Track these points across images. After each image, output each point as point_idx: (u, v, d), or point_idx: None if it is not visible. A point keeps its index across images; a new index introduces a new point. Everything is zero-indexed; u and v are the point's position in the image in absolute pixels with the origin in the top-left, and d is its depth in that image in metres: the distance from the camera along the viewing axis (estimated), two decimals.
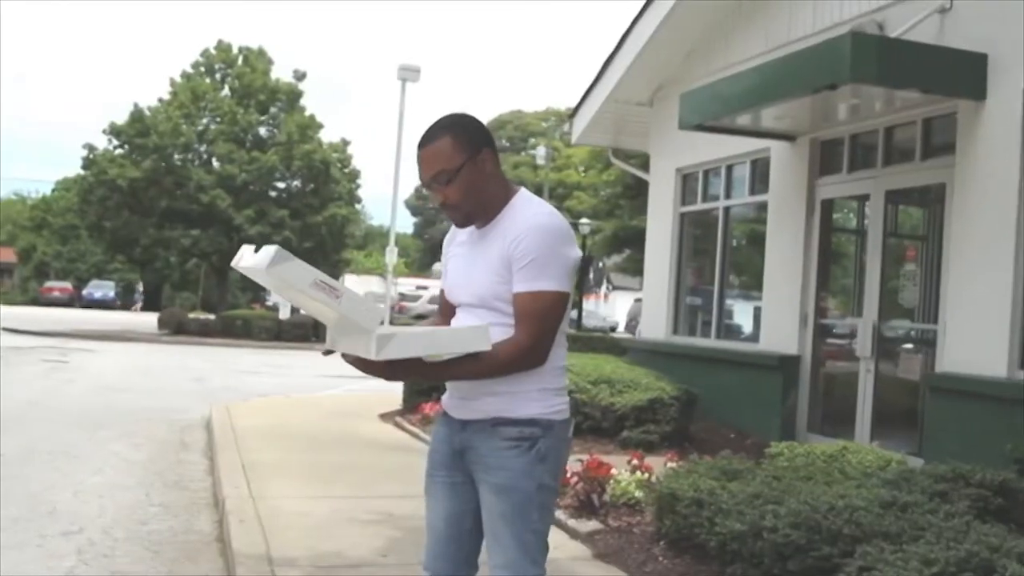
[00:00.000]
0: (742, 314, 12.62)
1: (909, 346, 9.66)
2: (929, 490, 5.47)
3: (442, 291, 3.45)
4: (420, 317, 38.19)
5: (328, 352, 3.09)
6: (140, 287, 68.17)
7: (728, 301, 12.47)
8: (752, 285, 12.28)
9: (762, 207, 11.50)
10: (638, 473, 7.05)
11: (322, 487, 7.69)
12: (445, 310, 3.42)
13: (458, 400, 3.23)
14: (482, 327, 2.98)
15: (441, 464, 3.30)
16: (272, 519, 6.47)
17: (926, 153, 9.16)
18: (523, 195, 3.22)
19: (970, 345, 8.16)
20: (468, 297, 3.21)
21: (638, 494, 6.72)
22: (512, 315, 3.07)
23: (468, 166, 3.12)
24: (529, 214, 3.11)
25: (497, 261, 3.10)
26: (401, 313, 42.57)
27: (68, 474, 8.51)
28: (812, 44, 9.13)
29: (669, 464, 7.47)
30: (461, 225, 3.24)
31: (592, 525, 6.35)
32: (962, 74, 8.28)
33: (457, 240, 3.37)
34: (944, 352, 8.50)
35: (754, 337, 11.51)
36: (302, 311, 3.12)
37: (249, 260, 2.86)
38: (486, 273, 3.13)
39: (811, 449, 7.24)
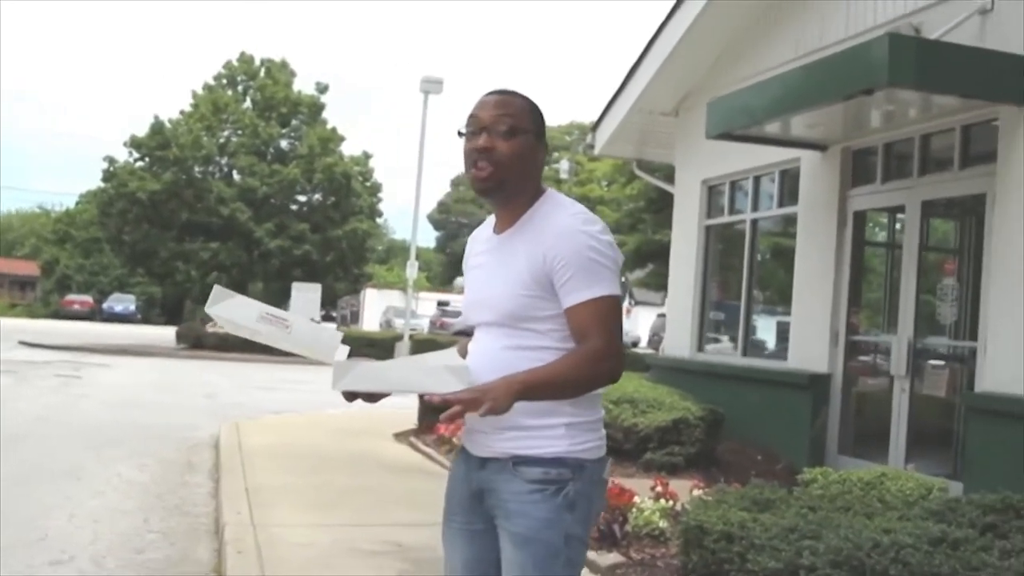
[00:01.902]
0: (770, 331, 12.19)
1: (946, 364, 9.22)
2: (978, 523, 5.04)
3: None
4: (461, 333, 37.82)
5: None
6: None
7: (755, 317, 12.04)
8: (780, 301, 11.85)
9: (791, 220, 11.08)
10: (662, 501, 6.63)
11: (327, 513, 7.29)
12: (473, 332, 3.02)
13: (476, 434, 2.80)
14: (462, 368, 2.59)
15: (459, 508, 2.88)
16: (271, 548, 6.08)
17: (965, 162, 8.72)
18: (552, 196, 2.83)
19: (1013, 363, 7.71)
20: (488, 314, 2.80)
21: (662, 524, 6.30)
22: (545, 335, 2.71)
23: (531, 139, 2.79)
24: (563, 219, 2.72)
25: (526, 272, 2.71)
26: (443, 329, 42.21)
27: (68, 496, 8.16)
28: (840, 50, 8.73)
29: (695, 491, 7.05)
30: (482, 190, 2.79)
31: (613, 558, 5.93)
32: (1004, 78, 7.85)
33: (475, 251, 2.98)
34: (984, 371, 8.06)
35: (782, 354, 11.06)
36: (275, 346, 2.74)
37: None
38: (511, 285, 2.73)
39: (847, 476, 6.80)
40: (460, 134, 2.80)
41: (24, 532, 6.83)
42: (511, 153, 2.72)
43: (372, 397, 2.65)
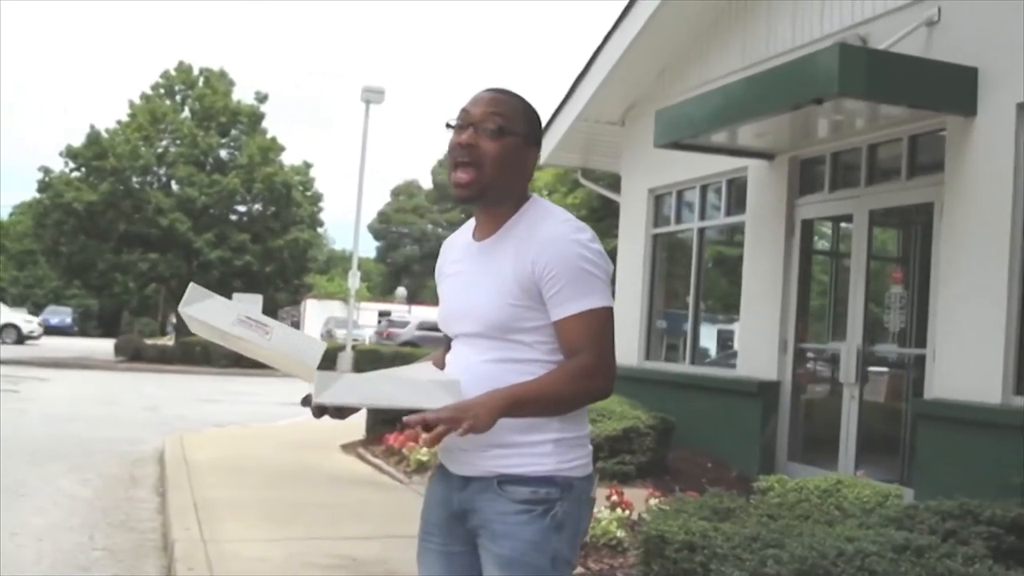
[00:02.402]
0: (718, 339, 12.23)
1: (895, 371, 9.29)
2: (938, 529, 5.06)
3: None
4: (409, 344, 37.52)
5: (307, 403, 2.51)
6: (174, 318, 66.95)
7: (703, 325, 12.07)
8: (729, 309, 11.90)
9: (739, 228, 11.12)
10: (619, 510, 6.60)
11: (279, 528, 7.15)
12: (448, 344, 2.87)
13: (457, 452, 2.65)
14: (453, 383, 2.48)
15: (436, 529, 2.75)
16: (223, 565, 5.95)
17: (912, 171, 8.81)
18: (537, 203, 2.71)
19: (962, 370, 7.78)
20: (471, 325, 2.65)
21: (620, 534, 6.27)
22: (531, 347, 2.59)
23: (520, 143, 2.66)
24: (552, 226, 2.60)
25: (512, 282, 2.58)
26: (389, 340, 41.98)
27: (9, 514, 7.94)
28: (794, 59, 8.77)
29: (651, 500, 7.03)
30: (461, 194, 2.64)
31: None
32: (952, 89, 7.94)
33: (451, 258, 2.84)
34: (933, 378, 8.13)
35: (731, 363, 11.10)
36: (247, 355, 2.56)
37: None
38: (497, 295, 2.59)
39: (803, 483, 6.80)
40: (449, 126, 2.67)
41: None
42: (495, 154, 2.60)
43: (342, 412, 2.50)
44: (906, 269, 9.34)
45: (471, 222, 2.83)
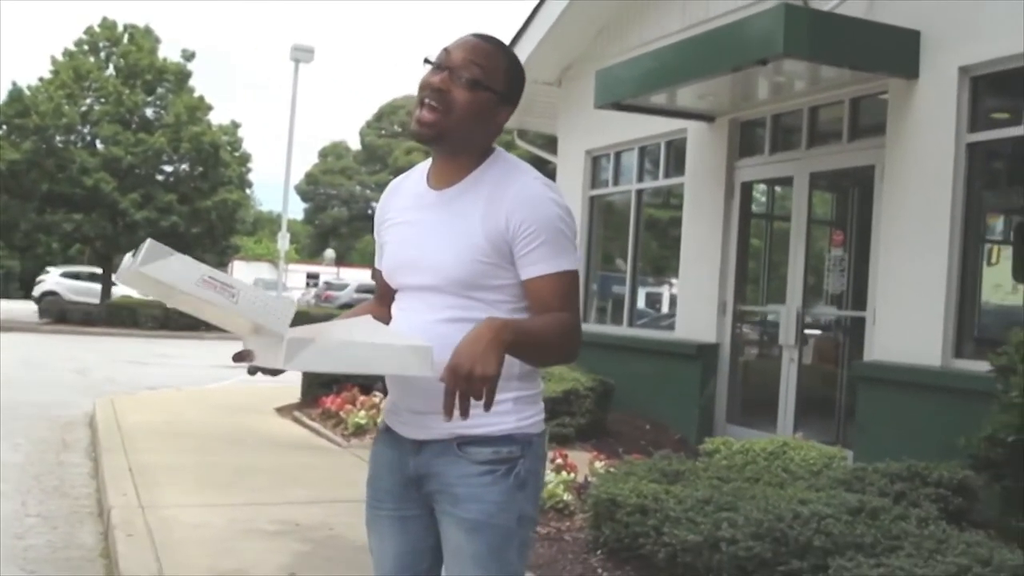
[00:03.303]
0: (657, 301, 12.24)
1: (834, 334, 9.35)
2: (888, 491, 5.08)
3: (377, 272, 2.76)
4: (347, 307, 37.18)
5: (242, 359, 2.38)
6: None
7: (642, 288, 12.06)
8: (667, 271, 11.90)
9: (677, 191, 11.10)
10: (564, 473, 6.55)
11: (219, 493, 7.01)
12: (384, 295, 2.73)
13: (409, 415, 2.55)
14: (425, 348, 2.33)
15: (387, 495, 2.63)
16: (164, 532, 5.81)
17: (854, 134, 8.83)
18: (503, 156, 2.60)
19: (901, 333, 7.84)
20: (427, 277, 2.52)
21: (567, 497, 6.22)
22: (492, 306, 2.48)
23: (494, 100, 2.53)
24: (528, 183, 2.50)
25: (481, 236, 2.46)
26: (327, 302, 41.68)
27: None
28: (734, 20, 8.72)
29: (597, 463, 6.99)
30: (422, 135, 2.51)
31: None
32: (894, 51, 7.95)
33: (398, 205, 2.68)
34: (873, 340, 8.18)
35: (670, 325, 11.10)
36: (202, 317, 2.37)
37: (124, 264, 2.23)
38: (463, 250, 2.47)
39: (750, 446, 6.81)
40: (427, 61, 2.54)
41: None
42: (464, 105, 2.47)
43: (276, 371, 2.35)
44: (846, 232, 9.37)
45: (421, 166, 2.70)
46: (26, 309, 35.82)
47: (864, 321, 8.40)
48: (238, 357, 2.38)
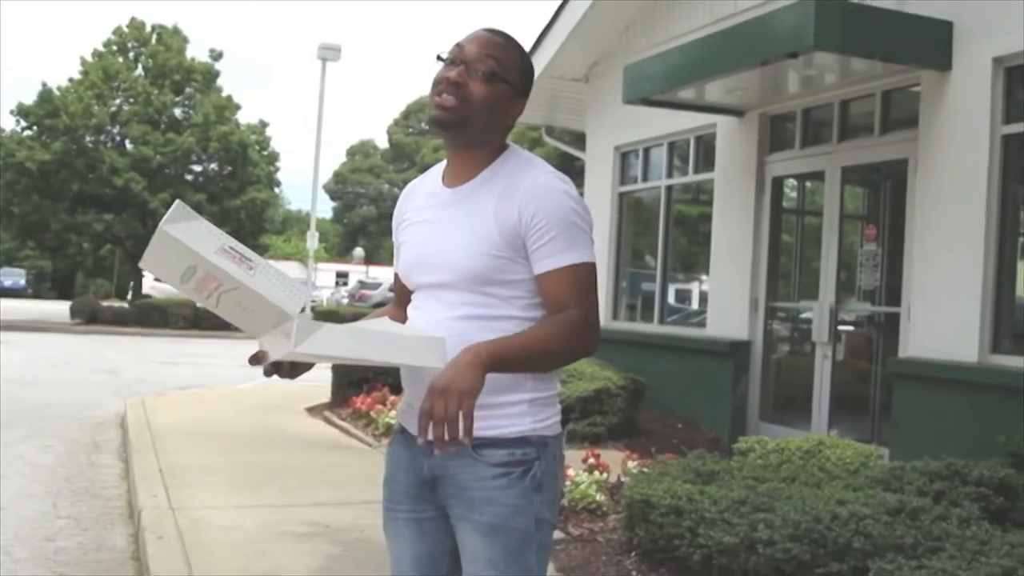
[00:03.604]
0: (688, 298, 12.14)
1: (868, 330, 9.24)
2: (927, 490, 4.99)
3: (396, 276, 2.73)
4: (380, 305, 37.28)
5: (257, 361, 2.33)
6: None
7: (672, 285, 11.97)
8: (698, 268, 11.81)
9: (707, 186, 11.00)
10: (596, 473, 6.48)
11: (250, 494, 6.98)
12: (403, 298, 2.71)
13: None
14: (437, 339, 2.31)
15: (404, 496, 2.60)
16: (195, 534, 5.79)
17: (885, 127, 8.72)
18: (517, 152, 2.57)
19: (937, 328, 7.73)
20: (442, 275, 2.49)
21: (599, 497, 6.16)
22: (507, 302, 2.46)
23: (510, 92, 2.52)
24: (540, 176, 2.47)
25: (496, 231, 2.43)
26: (361, 301, 41.85)
27: None
28: (763, 13, 8.62)
29: (630, 463, 6.92)
30: (440, 120, 2.48)
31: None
32: (927, 43, 7.85)
33: (414, 205, 2.66)
34: (908, 336, 8.07)
35: (701, 322, 11.01)
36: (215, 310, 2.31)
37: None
38: (477, 244, 2.44)
39: (785, 444, 6.71)
40: (439, 58, 2.52)
41: None
42: (482, 97, 2.46)
43: (294, 371, 2.36)
44: (878, 226, 9.25)
45: (437, 168, 2.69)
46: (59, 310, 36.01)
47: (898, 317, 8.29)
48: (254, 359, 2.33)
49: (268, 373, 2.34)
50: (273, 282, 2.21)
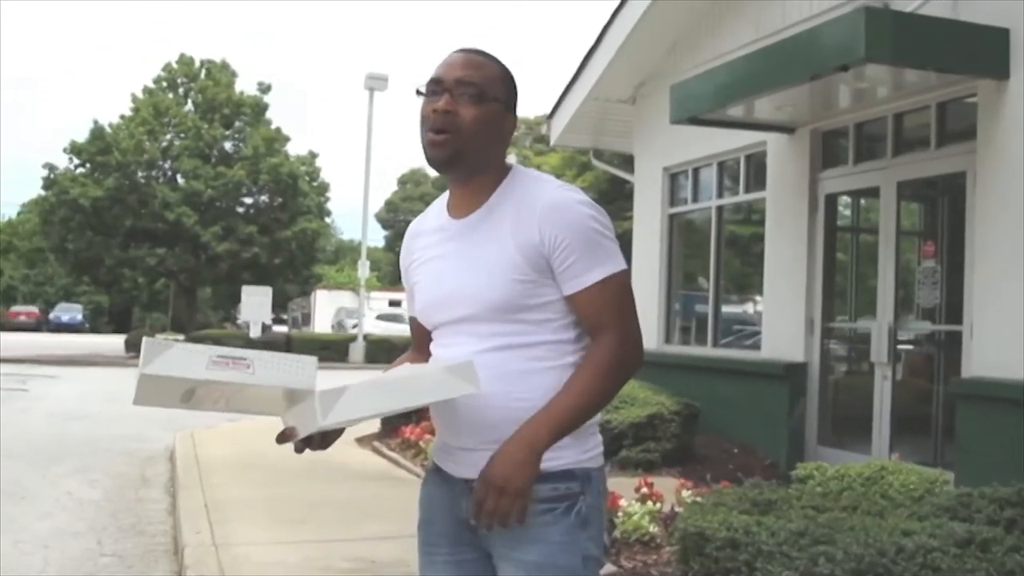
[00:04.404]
0: (741, 320, 11.89)
1: (928, 350, 8.95)
2: (997, 519, 4.73)
3: (412, 320, 2.61)
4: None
5: (285, 439, 2.26)
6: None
7: (725, 306, 11.73)
8: (751, 289, 11.56)
9: (759, 206, 10.77)
10: (649, 503, 6.26)
11: (294, 529, 6.83)
12: (421, 342, 2.57)
13: (461, 453, 2.39)
14: (466, 364, 2.20)
15: (442, 539, 2.46)
16: (236, 570, 5.64)
17: (942, 140, 8.45)
18: (522, 171, 2.46)
19: (1002, 347, 7.43)
20: (465, 309, 2.36)
21: (652, 529, 5.94)
22: (539, 327, 2.33)
23: (499, 109, 2.40)
24: (552, 192, 2.35)
25: (517, 255, 2.30)
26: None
27: (12, 519, 7.65)
28: (811, 27, 8.41)
29: (684, 492, 6.70)
30: (438, 159, 2.38)
31: (604, 568, 5.56)
32: (982, 51, 7.59)
33: (425, 244, 2.53)
34: (971, 355, 7.78)
35: (755, 344, 10.76)
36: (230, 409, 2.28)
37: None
38: (499, 272, 2.32)
39: (845, 471, 6.44)
40: (419, 93, 2.41)
41: None
42: (474, 120, 2.34)
43: (325, 441, 2.29)
44: (936, 242, 8.98)
45: (438, 202, 2.57)
46: (114, 344, 36.26)
47: (960, 335, 8.00)
48: (281, 438, 2.26)
49: (299, 449, 2.28)
50: (276, 368, 2.14)
